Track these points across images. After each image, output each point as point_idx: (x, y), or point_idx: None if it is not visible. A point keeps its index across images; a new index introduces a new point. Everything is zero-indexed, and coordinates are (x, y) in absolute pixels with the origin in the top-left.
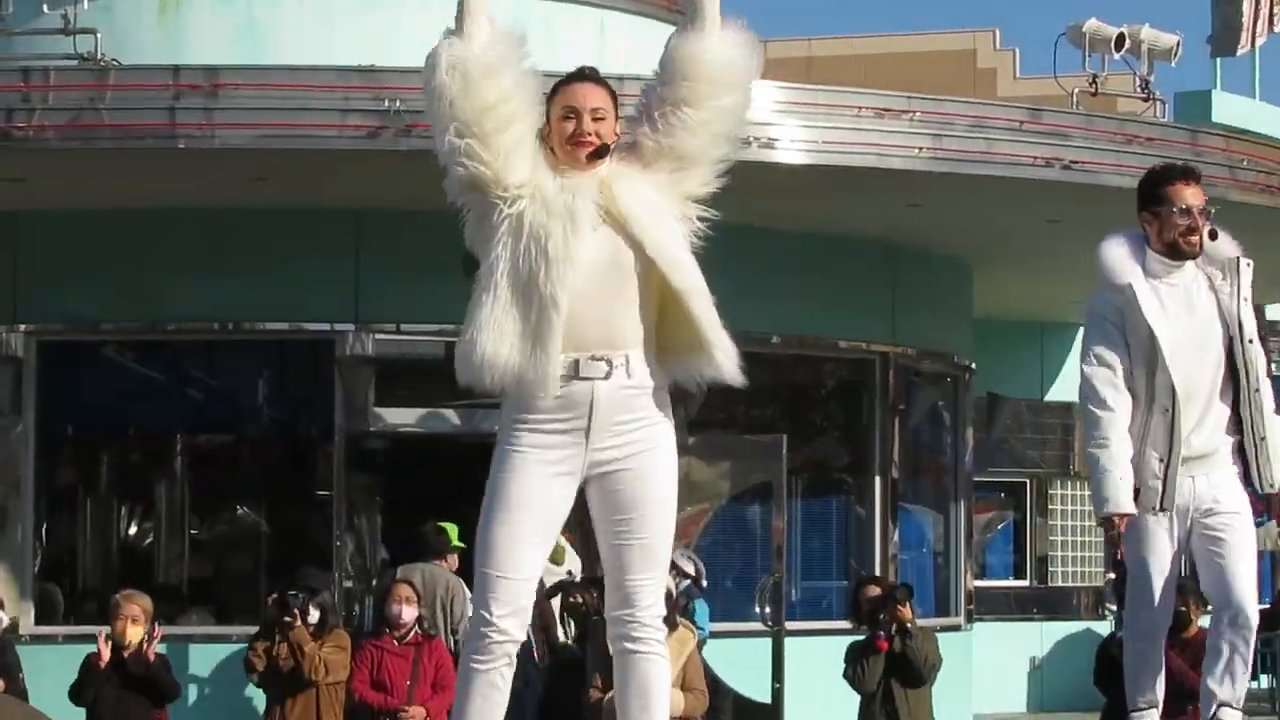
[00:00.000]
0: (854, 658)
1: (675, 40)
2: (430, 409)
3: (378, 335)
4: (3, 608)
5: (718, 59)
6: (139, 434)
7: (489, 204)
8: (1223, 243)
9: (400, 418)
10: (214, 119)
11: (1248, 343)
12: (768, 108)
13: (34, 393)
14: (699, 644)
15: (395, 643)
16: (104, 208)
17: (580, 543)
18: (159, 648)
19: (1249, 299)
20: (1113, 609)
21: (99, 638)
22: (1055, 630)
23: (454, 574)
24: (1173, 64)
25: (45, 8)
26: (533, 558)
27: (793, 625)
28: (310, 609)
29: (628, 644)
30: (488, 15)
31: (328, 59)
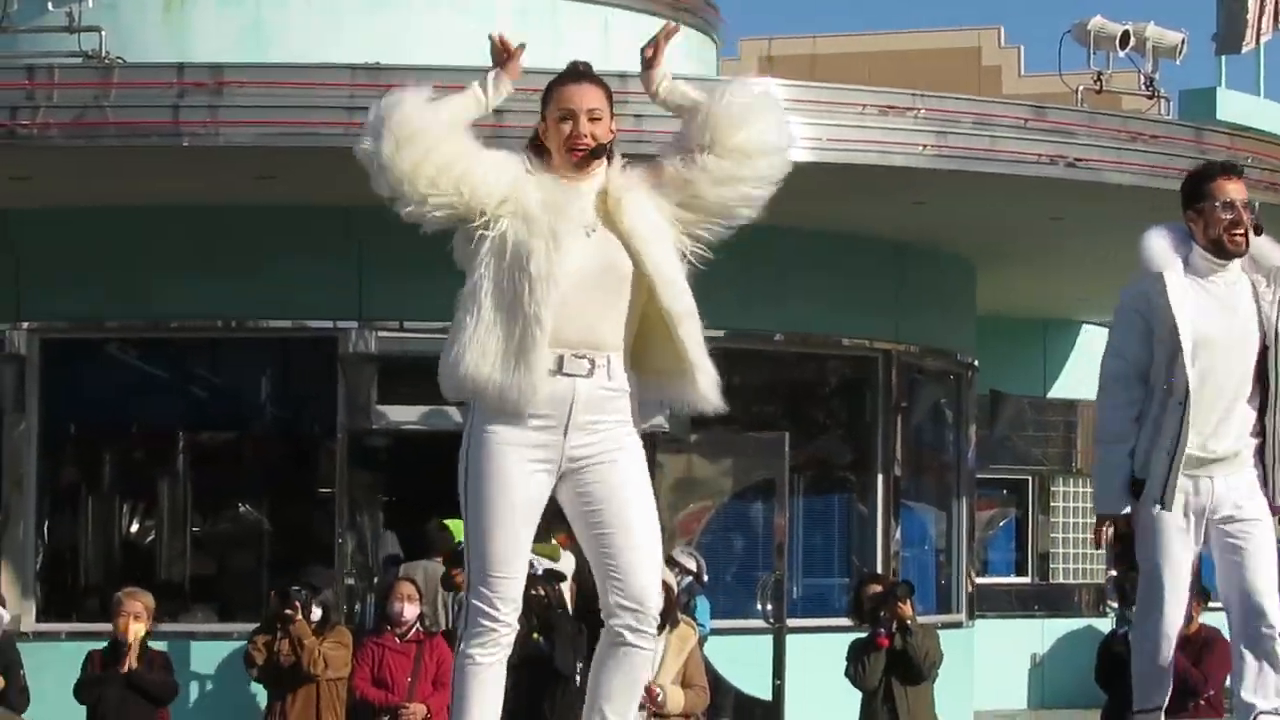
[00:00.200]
0: (855, 655)
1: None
2: (433, 406)
3: (380, 333)
4: (4, 605)
5: (752, 140)
6: (142, 431)
7: (472, 229)
8: (1270, 249)
9: (403, 415)
10: (219, 117)
11: None
12: None
13: (37, 390)
14: (700, 641)
15: (397, 640)
16: (107, 206)
17: (573, 543)
18: (160, 646)
19: None
20: (1114, 606)
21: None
22: (1057, 627)
23: None
24: (1178, 62)
25: (50, 5)
26: (524, 549)
27: (794, 622)
28: (313, 606)
29: (628, 634)
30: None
31: (334, 59)
